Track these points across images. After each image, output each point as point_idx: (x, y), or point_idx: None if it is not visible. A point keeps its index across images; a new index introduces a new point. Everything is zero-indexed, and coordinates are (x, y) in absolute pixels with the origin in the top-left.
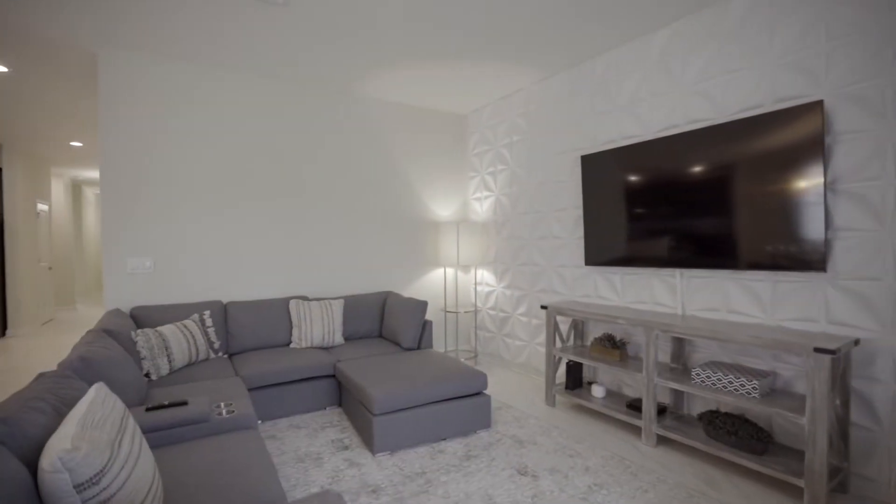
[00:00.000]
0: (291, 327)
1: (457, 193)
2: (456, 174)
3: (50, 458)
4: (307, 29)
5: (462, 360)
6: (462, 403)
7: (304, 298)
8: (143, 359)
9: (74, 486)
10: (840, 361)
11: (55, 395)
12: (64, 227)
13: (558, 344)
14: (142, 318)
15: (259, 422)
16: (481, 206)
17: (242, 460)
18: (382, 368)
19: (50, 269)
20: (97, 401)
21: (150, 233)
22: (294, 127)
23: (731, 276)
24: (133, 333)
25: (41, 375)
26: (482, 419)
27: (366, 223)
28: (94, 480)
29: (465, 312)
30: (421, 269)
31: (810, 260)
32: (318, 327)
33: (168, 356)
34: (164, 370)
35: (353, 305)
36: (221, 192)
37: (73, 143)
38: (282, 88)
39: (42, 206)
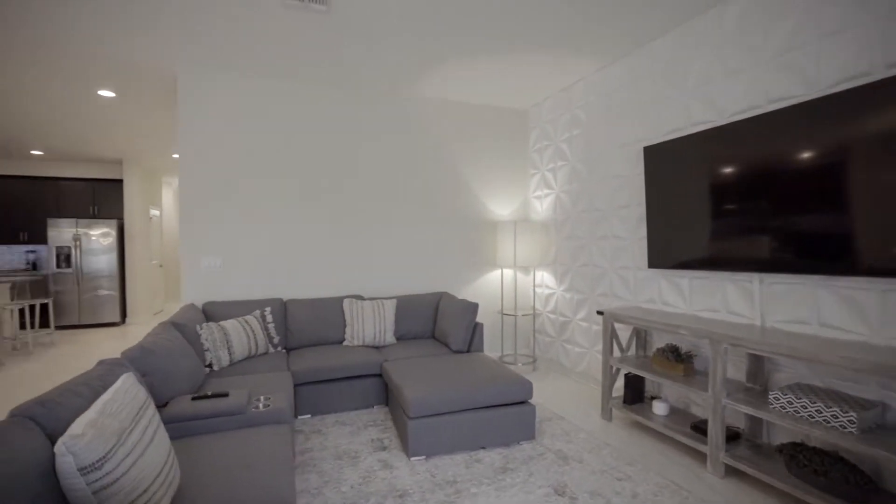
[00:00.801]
0: (345, 325)
1: (517, 191)
2: (516, 172)
3: (59, 442)
4: (351, 32)
5: (519, 364)
6: (504, 412)
7: (359, 298)
8: (206, 350)
9: (79, 469)
10: None
11: (102, 381)
12: (172, 229)
13: (616, 353)
14: (212, 312)
15: (308, 416)
16: (542, 205)
17: (266, 455)
18: (426, 370)
19: (161, 266)
20: (121, 390)
21: (220, 234)
22: (350, 130)
23: (824, 283)
24: (198, 327)
25: (101, 362)
26: (526, 430)
27: (421, 223)
28: (96, 465)
29: (524, 315)
30: (478, 270)
31: None
32: (369, 326)
33: (229, 349)
34: (225, 362)
35: (405, 305)
36: (283, 195)
37: (174, 156)
38: (336, 93)
39: (154, 212)
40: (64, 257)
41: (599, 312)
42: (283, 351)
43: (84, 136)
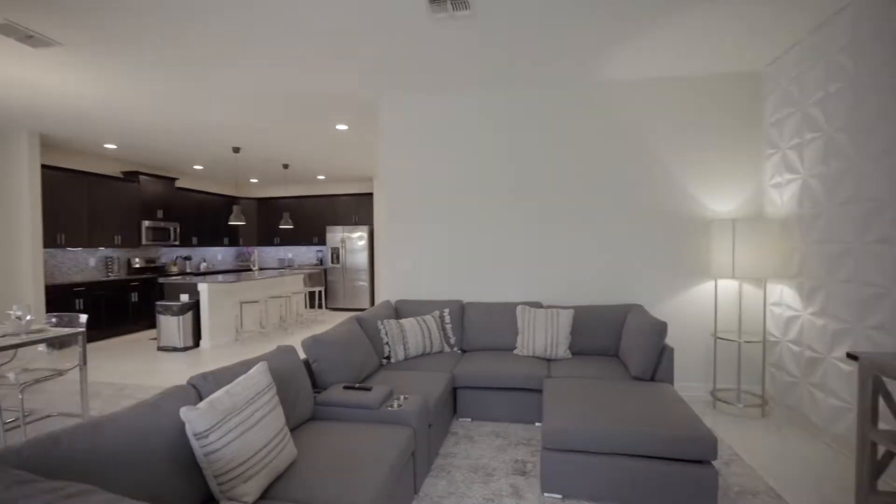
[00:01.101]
0: (517, 333)
1: (745, 180)
2: (743, 154)
3: (181, 410)
4: (500, 32)
5: (740, 405)
6: (674, 468)
7: (537, 305)
8: (385, 344)
9: (193, 434)
10: None
11: None
12: None
13: (885, 423)
14: (402, 309)
15: (468, 420)
16: (781, 196)
17: (377, 454)
18: (585, 396)
19: None
20: (249, 376)
21: (412, 239)
22: (529, 131)
23: None
24: (379, 322)
25: (278, 347)
26: (703, 499)
27: (611, 224)
28: (204, 434)
29: (749, 343)
30: (684, 280)
31: None
32: (540, 336)
33: (404, 345)
34: (401, 356)
35: (584, 316)
36: (467, 200)
37: None
38: (511, 93)
39: None
40: (335, 255)
41: (852, 357)
42: (459, 352)
43: (340, 161)
